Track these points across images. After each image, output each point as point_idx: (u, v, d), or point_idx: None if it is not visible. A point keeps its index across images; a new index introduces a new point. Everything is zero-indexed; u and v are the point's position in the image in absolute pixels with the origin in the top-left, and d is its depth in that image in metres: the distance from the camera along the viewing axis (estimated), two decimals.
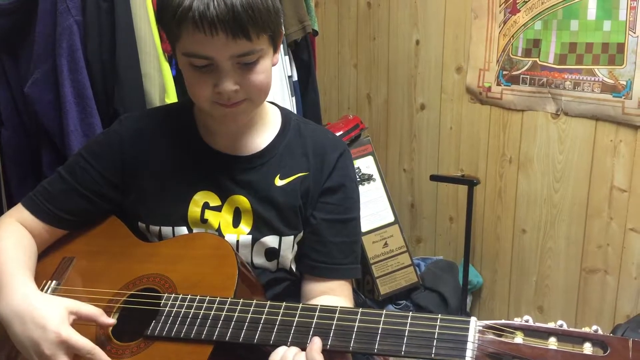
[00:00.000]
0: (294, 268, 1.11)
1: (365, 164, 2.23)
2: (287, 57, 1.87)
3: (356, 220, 1.12)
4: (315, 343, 0.82)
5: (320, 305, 0.87)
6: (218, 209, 1.05)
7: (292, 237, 1.06)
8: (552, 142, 1.98)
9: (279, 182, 1.06)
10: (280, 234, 1.05)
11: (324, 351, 0.82)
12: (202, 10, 0.87)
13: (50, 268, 1.06)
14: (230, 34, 0.89)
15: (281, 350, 0.84)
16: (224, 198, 1.05)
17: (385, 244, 2.20)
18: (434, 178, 2.20)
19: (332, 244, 1.07)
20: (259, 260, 1.06)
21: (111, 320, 0.93)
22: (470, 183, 2.07)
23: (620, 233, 1.87)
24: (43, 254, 1.07)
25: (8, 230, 1.04)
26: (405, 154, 2.43)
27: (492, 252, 2.22)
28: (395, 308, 2.20)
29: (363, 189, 2.19)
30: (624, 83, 1.76)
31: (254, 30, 0.91)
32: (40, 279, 1.01)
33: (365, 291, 2.23)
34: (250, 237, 1.04)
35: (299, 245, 1.09)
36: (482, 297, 2.29)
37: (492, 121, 2.12)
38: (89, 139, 1.33)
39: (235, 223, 1.05)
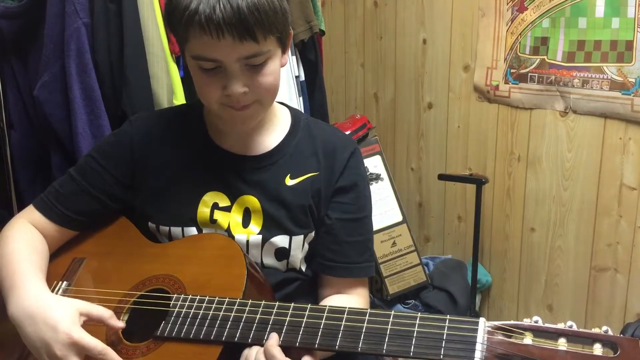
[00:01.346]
0: (303, 268, 1.11)
1: (373, 164, 2.23)
2: (294, 57, 1.87)
3: (369, 218, 1.13)
4: (272, 338, 0.84)
5: (329, 306, 0.87)
6: (227, 209, 1.06)
7: (302, 236, 1.07)
8: (560, 140, 1.97)
9: (289, 181, 1.06)
10: (290, 234, 1.06)
11: (289, 348, 0.83)
12: (208, 14, 0.87)
13: (61, 269, 1.07)
14: (236, 36, 0.89)
15: (245, 352, 0.86)
16: (233, 198, 1.06)
17: (394, 244, 2.19)
18: (441, 177, 2.19)
19: (347, 244, 1.08)
20: (269, 260, 1.06)
21: (121, 324, 0.93)
22: (479, 182, 2.07)
23: (630, 231, 1.86)
24: (54, 255, 1.08)
25: (20, 232, 1.05)
26: (412, 153, 2.43)
27: (500, 251, 2.21)
28: (404, 307, 2.19)
29: (371, 189, 2.18)
30: (633, 80, 1.75)
31: (261, 32, 0.91)
32: (51, 280, 1.02)
33: (374, 290, 2.23)
34: (260, 237, 1.05)
35: (312, 246, 1.09)
36: (491, 296, 2.28)
37: (500, 120, 2.12)
38: (99, 140, 1.34)
39: (245, 223, 1.05)
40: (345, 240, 1.07)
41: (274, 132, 1.10)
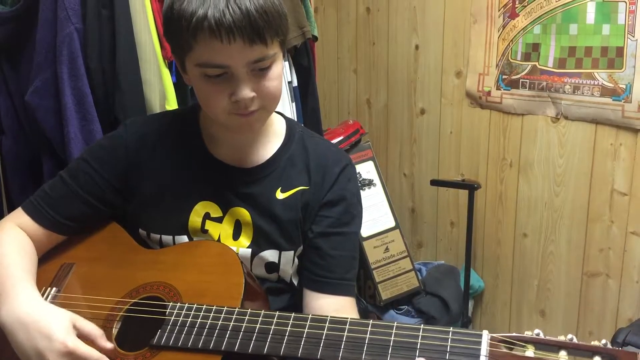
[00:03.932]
0: (295, 282, 1.10)
1: (366, 169, 2.23)
2: (286, 62, 1.86)
3: (355, 235, 1.10)
4: None
5: (330, 317, 0.86)
6: (219, 220, 1.05)
7: (292, 252, 1.05)
8: (552, 146, 1.98)
9: (280, 195, 1.05)
10: (280, 249, 1.05)
11: None
12: (218, 18, 0.87)
13: (49, 274, 1.05)
14: (247, 40, 0.89)
15: None
16: (225, 209, 1.05)
17: (387, 249, 2.19)
18: (434, 183, 2.19)
19: (331, 258, 1.05)
20: (259, 272, 1.05)
21: (109, 345, 0.92)
22: (471, 187, 2.07)
23: (621, 236, 1.87)
24: (42, 260, 1.06)
25: (9, 235, 1.03)
26: (405, 159, 2.43)
27: (493, 257, 2.22)
28: (397, 313, 2.19)
29: (364, 194, 2.17)
30: (624, 86, 1.77)
31: (269, 35, 0.91)
32: (39, 286, 1.00)
33: (367, 296, 2.23)
34: (249, 250, 1.04)
35: (300, 259, 1.08)
36: (484, 301, 2.29)
37: (492, 125, 2.13)
38: (91, 143, 1.32)
39: (236, 236, 1.04)
40: (328, 254, 1.05)
41: (268, 143, 1.08)
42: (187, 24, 0.89)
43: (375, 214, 2.20)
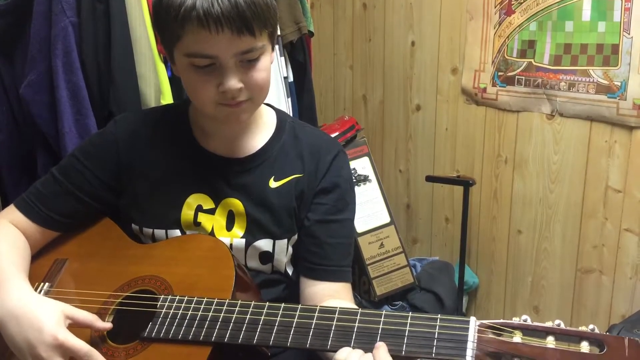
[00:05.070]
0: (289, 271, 1.10)
1: (361, 165, 2.23)
2: (282, 58, 1.87)
3: (350, 221, 1.11)
4: (382, 346, 0.80)
5: (320, 307, 0.87)
6: (212, 212, 1.05)
7: (285, 240, 1.06)
8: (547, 143, 1.98)
9: (273, 184, 1.06)
10: (274, 237, 1.05)
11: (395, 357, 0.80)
12: (206, 8, 0.87)
13: (42, 270, 1.06)
14: (235, 30, 0.90)
15: (345, 352, 0.82)
16: (217, 201, 1.05)
17: (381, 245, 2.19)
18: (429, 179, 2.20)
19: (328, 245, 1.06)
20: (253, 263, 1.06)
21: (107, 325, 0.93)
22: (466, 184, 2.08)
23: (615, 233, 1.88)
24: (35, 256, 1.07)
25: (2, 232, 1.03)
26: (401, 155, 2.43)
27: (487, 253, 2.22)
28: (391, 309, 2.19)
29: (359, 190, 2.19)
30: (619, 84, 1.77)
31: (257, 26, 0.92)
32: (32, 281, 1.00)
33: (362, 292, 2.23)
34: (243, 240, 1.04)
35: (295, 248, 1.09)
36: (478, 297, 2.29)
37: (488, 122, 2.13)
38: (86, 137, 1.32)
39: (229, 226, 1.05)
40: (325, 242, 1.06)
41: (259, 133, 1.09)
42: (175, 14, 0.89)
43: (371, 209, 2.20)
